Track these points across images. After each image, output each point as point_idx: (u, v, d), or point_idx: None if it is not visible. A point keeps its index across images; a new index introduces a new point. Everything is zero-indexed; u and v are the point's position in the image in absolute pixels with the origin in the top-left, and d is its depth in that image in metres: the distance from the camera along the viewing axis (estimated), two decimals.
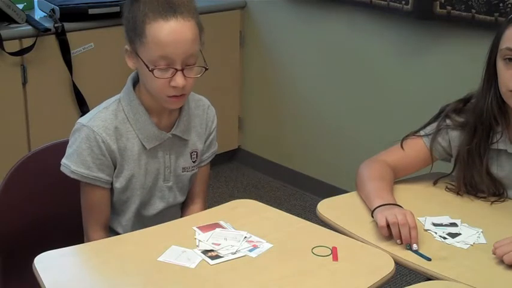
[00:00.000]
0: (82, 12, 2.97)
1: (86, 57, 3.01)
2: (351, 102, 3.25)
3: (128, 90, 1.70)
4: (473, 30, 2.64)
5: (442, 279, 1.42)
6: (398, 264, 1.48)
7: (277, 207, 1.75)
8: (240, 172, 3.79)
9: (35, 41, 2.81)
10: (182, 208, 1.87)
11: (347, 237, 1.58)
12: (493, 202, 1.75)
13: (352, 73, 3.22)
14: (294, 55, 3.46)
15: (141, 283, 1.37)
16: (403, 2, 2.80)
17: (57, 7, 2.92)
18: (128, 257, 1.46)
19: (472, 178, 1.77)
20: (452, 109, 1.80)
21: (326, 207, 1.71)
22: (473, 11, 2.60)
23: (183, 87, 1.60)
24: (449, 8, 2.67)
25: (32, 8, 3.11)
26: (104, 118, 1.67)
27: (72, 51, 2.94)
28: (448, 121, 1.80)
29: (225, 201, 1.77)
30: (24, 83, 2.87)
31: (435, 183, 1.85)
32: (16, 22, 2.82)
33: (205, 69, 1.64)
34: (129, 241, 1.56)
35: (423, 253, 1.49)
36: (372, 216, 1.61)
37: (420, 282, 1.45)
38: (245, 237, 1.54)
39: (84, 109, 3.01)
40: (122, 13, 1.66)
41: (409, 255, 1.50)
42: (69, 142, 1.70)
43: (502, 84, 1.66)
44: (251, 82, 3.73)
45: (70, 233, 1.74)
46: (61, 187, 1.74)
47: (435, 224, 1.62)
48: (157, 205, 1.77)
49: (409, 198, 1.73)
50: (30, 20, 2.87)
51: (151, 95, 1.67)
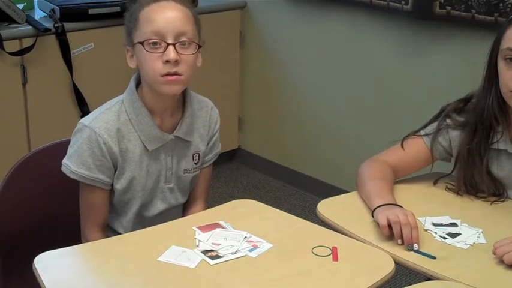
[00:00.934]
0: (82, 12, 2.97)
1: (86, 57, 3.00)
2: (351, 102, 3.25)
3: (131, 91, 1.70)
4: (473, 30, 2.64)
5: (442, 279, 1.42)
6: (398, 264, 1.48)
7: (277, 207, 1.75)
8: (240, 172, 3.79)
9: (35, 41, 2.81)
10: (184, 209, 1.87)
11: (347, 237, 1.58)
12: (493, 202, 1.75)
13: (352, 73, 3.22)
14: (294, 55, 3.46)
15: (141, 283, 1.37)
16: (403, 2, 2.80)
17: (57, 7, 2.92)
18: (128, 257, 1.46)
19: (472, 178, 1.77)
20: (452, 109, 1.80)
21: (326, 207, 1.71)
22: (473, 11, 2.60)
23: (177, 64, 1.60)
24: (449, 8, 2.67)
25: (32, 8, 3.11)
26: (106, 119, 1.67)
27: (72, 51, 2.94)
28: (449, 121, 1.80)
29: (225, 201, 1.76)
30: (24, 83, 2.86)
31: (435, 183, 1.85)
32: (16, 22, 2.82)
33: (198, 46, 1.65)
34: (129, 241, 1.56)
35: (427, 252, 1.50)
36: (372, 216, 1.61)
37: (420, 282, 1.45)
38: (245, 237, 1.54)
39: (84, 109, 3.01)
40: (124, 17, 1.68)
41: (409, 255, 1.49)
42: (70, 142, 1.70)
43: (503, 84, 1.66)
44: (251, 82, 3.73)
45: (70, 233, 1.74)
46: (61, 187, 1.74)
47: (435, 224, 1.62)
48: (158, 206, 1.77)
49: (409, 198, 1.73)
50: (30, 20, 2.87)
51: (152, 93, 1.67)
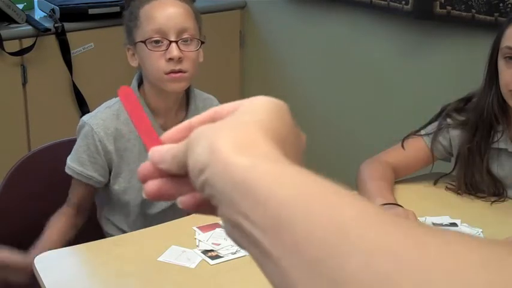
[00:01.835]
0: (82, 12, 2.97)
1: (86, 57, 3.00)
2: (351, 102, 3.25)
3: (133, 90, 1.70)
4: (473, 30, 2.63)
5: None
6: None
7: None
8: None
9: (35, 41, 2.81)
10: None
11: None
12: (493, 202, 1.74)
13: (352, 73, 3.22)
14: (294, 55, 3.46)
15: (141, 283, 1.37)
16: (403, 2, 2.80)
17: (57, 7, 2.92)
18: (128, 257, 1.46)
19: (473, 177, 1.77)
20: (453, 108, 1.80)
21: None
22: (473, 11, 2.60)
23: (180, 61, 1.60)
24: (449, 8, 2.67)
25: (32, 8, 3.11)
26: (105, 117, 1.67)
27: (72, 51, 2.94)
28: (449, 120, 1.80)
29: None
30: (24, 83, 2.86)
31: (435, 183, 1.85)
32: (16, 22, 2.82)
33: (201, 42, 1.65)
34: (129, 241, 1.56)
35: None
36: None
37: None
38: None
39: (84, 109, 3.00)
40: (123, 16, 1.68)
41: None
42: None
43: (502, 83, 1.66)
44: (251, 82, 3.73)
45: None
46: (61, 187, 1.74)
47: (435, 224, 1.62)
48: (160, 204, 1.76)
49: (409, 198, 1.73)
50: (30, 20, 2.87)
51: (155, 92, 1.66)
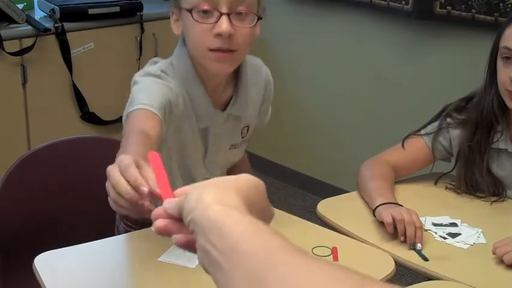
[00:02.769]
0: (82, 12, 2.97)
1: (86, 57, 3.00)
2: (351, 102, 3.25)
3: (184, 55, 1.42)
4: (473, 30, 2.64)
5: (442, 279, 1.42)
6: (398, 264, 1.48)
7: (277, 207, 1.73)
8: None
9: (35, 41, 2.81)
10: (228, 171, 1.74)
11: (347, 237, 1.57)
12: (493, 202, 1.74)
13: (352, 73, 3.22)
14: (294, 55, 3.46)
15: (141, 283, 1.37)
16: (403, 2, 2.80)
17: (57, 7, 2.92)
18: (128, 257, 1.46)
19: (473, 176, 1.77)
20: (453, 108, 1.80)
21: (326, 207, 1.71)
22: (473, 11, 2.60)
23: (231, 38, 1.37)
24: (449, 8, 2.67)
25: (32, 8, 3.11)
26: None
27: (72, 51, 2.94)
28: (449, 120, 1.80)
29: None
30: (24, 83, 2.86)
31: (435, 183, 1.85)
32: (16, 22, 2.82)
33: (258, 18, 1.41)
34: (129, 241, 1.56)
35: (424, 253, 1.50)
36: (374, 215, 1.61)
37: (420, 282, 1.45)
38: None
39: (84, 109, 3.01)
40: None
41: (409, 255, 1.49)
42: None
43: (500, 82, 1.66)
44: None
45: (70, 233, 1.74)
46: (61, 186, 1.74)
47: (435, 224, 1.62)
48: (203, 174, 1.60)
49: (409, 198, 1.73)
50: (30, 20, 2.87)
51: (201, 66, 1.44)
